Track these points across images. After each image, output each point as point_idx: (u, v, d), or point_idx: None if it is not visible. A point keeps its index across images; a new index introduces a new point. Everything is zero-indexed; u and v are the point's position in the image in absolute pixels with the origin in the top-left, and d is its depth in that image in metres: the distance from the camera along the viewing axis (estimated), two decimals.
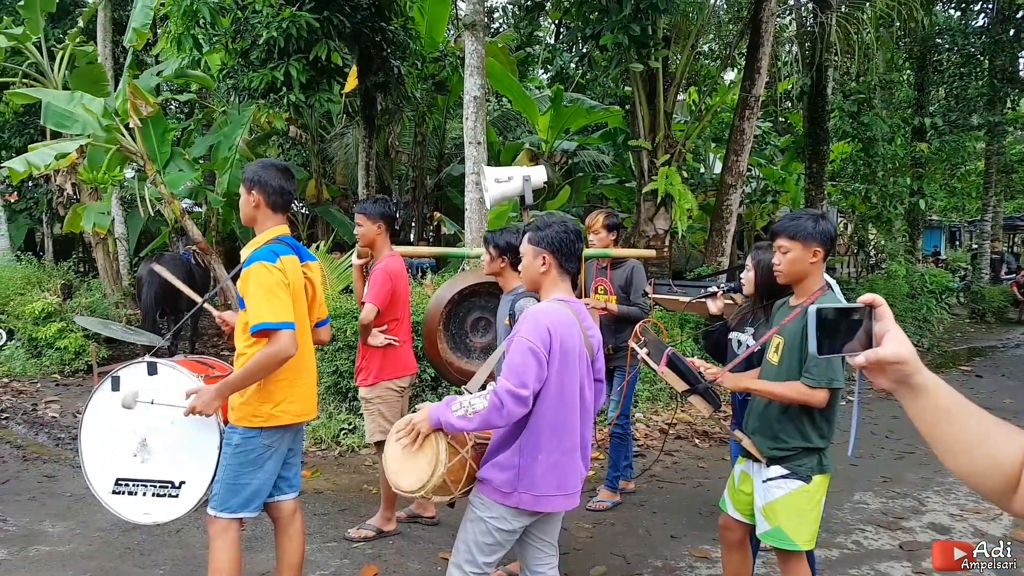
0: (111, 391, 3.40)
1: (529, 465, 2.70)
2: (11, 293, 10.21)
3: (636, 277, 4.98)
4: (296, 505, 3.48)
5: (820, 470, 3.01)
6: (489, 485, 2.74)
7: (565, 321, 2.73)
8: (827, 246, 3.02)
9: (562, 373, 2.69)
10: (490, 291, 5.09)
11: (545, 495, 2.72)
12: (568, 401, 2.73)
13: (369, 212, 4.54)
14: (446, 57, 10.66)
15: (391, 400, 4.61)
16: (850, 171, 12.97)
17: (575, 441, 2.79)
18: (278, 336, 2.99)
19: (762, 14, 9.61)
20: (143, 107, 8.58)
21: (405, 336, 4.69)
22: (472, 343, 5.22)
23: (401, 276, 4.60)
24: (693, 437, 6.93)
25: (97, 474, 3.42)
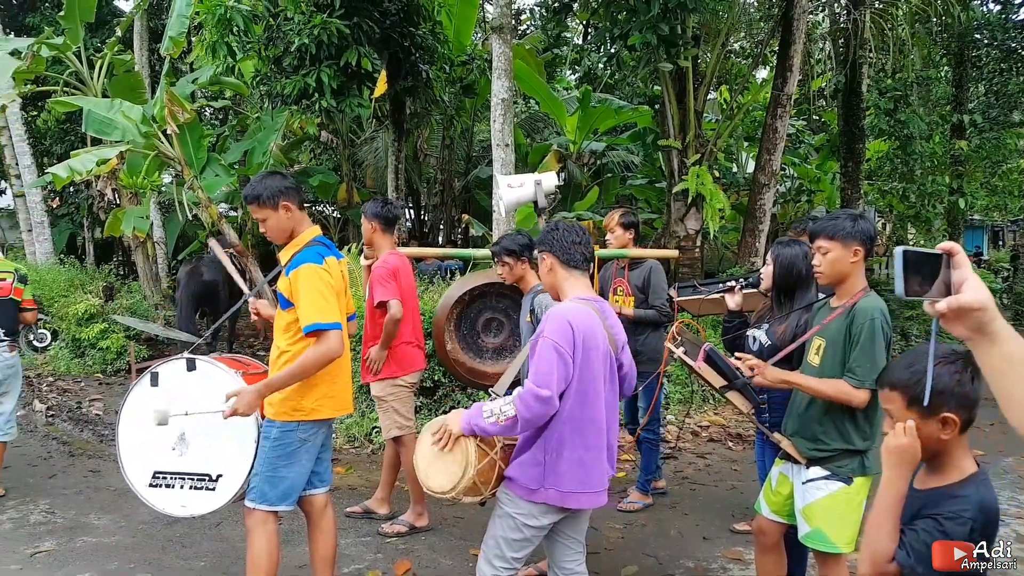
0: (150, 387, 3.49)
1: (554, 462, 2.73)
2: (55, 295, 10.50)
3: (654, 278, 4.91)
4: (328, 499, 3.56)
5: (862, 472, 2.97)
6: (516, 482, 2.78)
7: (588, 320, 2.76)
8: (867, 245, 2.97)
9: (585, 371, 2.72)
10: (500, 292, 5.12)
11: (571, 492, 2.74)
12: (592, 399, 2.76)
13: (365, 212, 4.69)
14: (474, 60, 10.71)
15: (403, 396, 4.69)
16: (887, 170, 12.76)
17: (600, 439, 2.81)
18: (327, 336, 3.09)
19: (793, 11, 9.52)
20: (180, 114, 8.74)
21: (410, 334, 4.73)
22: (484, 344, 5.24)
23: (400, 270, 4.63)
24: (726, 440, 6.89)
25: (134, 467, 3.51)
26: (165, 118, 8.76)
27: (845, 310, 2.98)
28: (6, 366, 5.39)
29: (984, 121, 14.94)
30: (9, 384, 5.47)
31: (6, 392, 5.46)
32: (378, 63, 8.51)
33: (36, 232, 13.43)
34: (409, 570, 4.23)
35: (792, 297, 3.66)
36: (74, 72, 10.63)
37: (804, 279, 3.58)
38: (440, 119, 12.46)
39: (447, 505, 5.11)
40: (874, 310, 2.91)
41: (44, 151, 15.51)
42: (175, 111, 8.68)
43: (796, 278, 3.61)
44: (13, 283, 5.39)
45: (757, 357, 3.57)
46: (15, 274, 5.43)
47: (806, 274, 3.52)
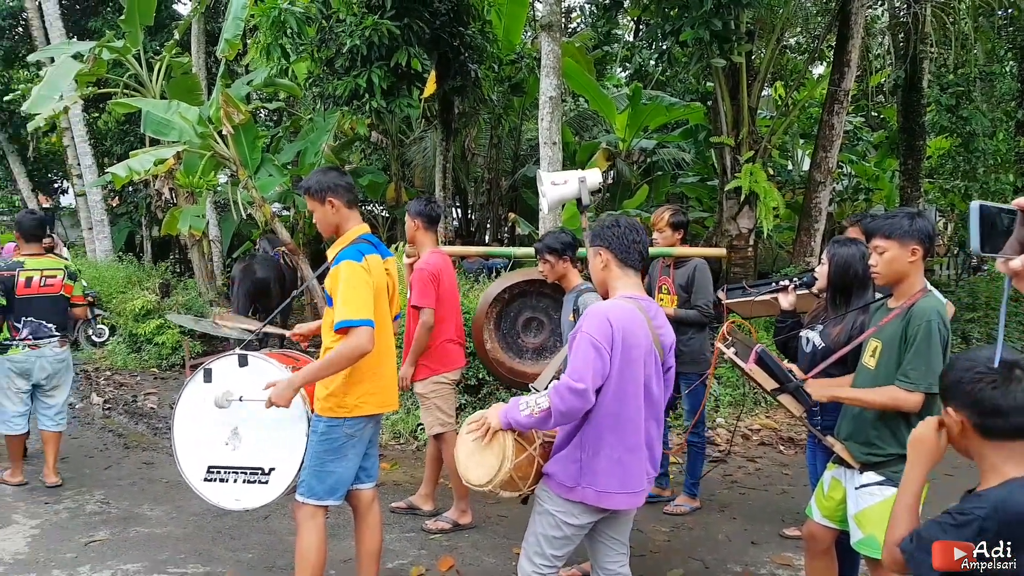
0: (203, 383, 3.56)
1: (591, 460, 2.70)
2: (113, 292, 10.80)
3: (699, 277, 4.83)
4: (374, 495, 3.59)
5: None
6: (553, 479, 2.76)
7: (630, 317, 2.71)
8: (926, 244, 2.88)
9: (625, 368, 2.67)
10: (540, 291, 5.09)
11: (608, 492, 2.71)
12: (631, 398, 2.71)
13: (409, 210, 4.77)
14: (523, 59, 10.70)
15: (445, 393, 4.73)
16: (948, 168, 12.38)
17: (640, 439, 2.76)
18: (356, 332, 3.10)
19: (851, 5, 9.30)
20: (235, 115, 8.89)
21: (452, 332, 4.76)
22: (524, 343, 5.21)
23: (442, 270, 4.66)
24: (777, 443, 6.76)
25: (190, 462, 3.58)
26: (221, 119, 8.92)
27: (902, 311, 2.90)
28: (57, 360, 5.54)
29: None
30: (60, 378, 5.62)
31: (57, 386, 5.62)
32: (428, 63, 8.56)
33: (96, 230, 13.83)
34: (452, 567, 4.24)
35: (848, 298, 3.56)
36: (134, 74, 10.90)
37: (861, 280, 3.48)
38: (488, 118, 12.47)
39: (491, 503, 5.11)
40: (932, 312, 2.82)
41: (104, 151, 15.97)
42: (230, 112, 8.84)
43: (852, 278, 3.52)
44: (63, 279, 5.54)
45: (811, 358, 3.51)
46: (65, 271, 5.57)
47: (863, 275, 3.42)
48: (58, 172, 19.77)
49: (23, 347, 5.38)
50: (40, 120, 9.59)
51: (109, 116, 12.00)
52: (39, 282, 5.41)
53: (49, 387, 5.57)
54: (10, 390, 5.44)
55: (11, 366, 5.40)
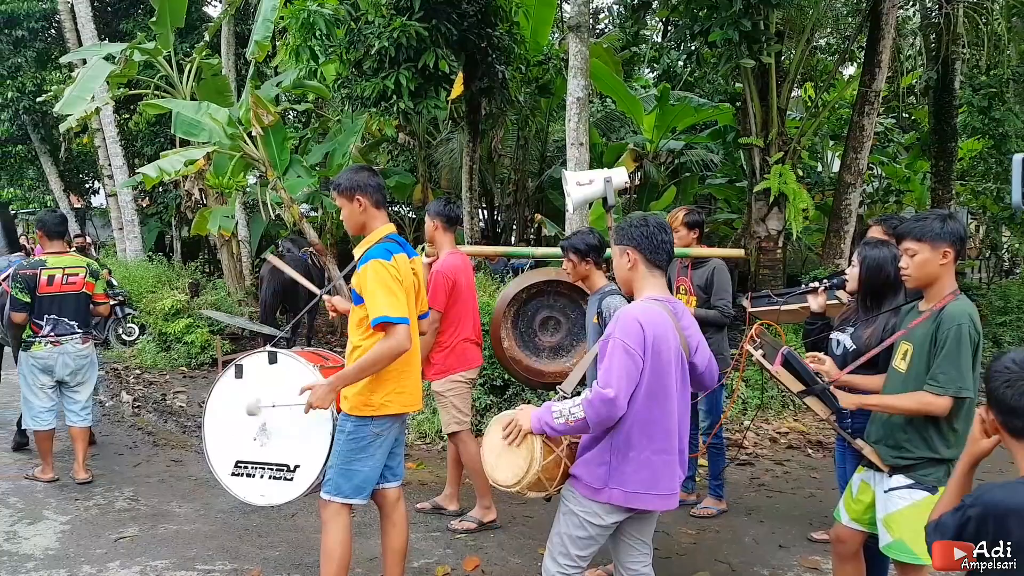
0: (234, 378, 3.60)
1: (620, 463, 2.70)
2: (143, 291, 10.93)
3: (718, 278, 4.82)
4: (400, 493, 3.60)
5: (947, 481, 2.85)
6: (581, 481, 2.76)
7: (659, 320, 2.70)
8: (957, 246, 2.85)
9: (655, 372, 2.67)
10: (558, 290, 5.12)
11: (636, 493, 2.71)
12: (661, 401, 2.71)
13: (428, 211, 4.83)
14: (550, 60, 10.68)
15: (462, 392, 4.75)
16: (981, 170, 12.22)
17: (670, 442, 2.76)
18: (395, 331, 3.13)
19: (882, 6, 9.19)
20: (264, 116, 8.97)
21: (470, 332, 4.79)
22: (541, 342, 5.25)
23: (460, 271, 4.70)
24: (806, 447, 6.69)
25: (218, 457, 3.62)
26: (250, 120, 9.01)
27: (932, 314, 2.87)
28: (80, 357, 5.61)
29: None
30: (84, 374, 5.70)
31: (82, 382, 5.70)
32: (455, 65, 8.57)
33: (127, 230, 14.01)
34: (478, 566, 4.25)
35: (879, 300, 3.52)
36: (164, 76, 11.02)
37: (892, 282, 3.44)
38: (515, 119, 12.48)
39: (517, 504, 5.11)
40: (962, 315, 2.79)
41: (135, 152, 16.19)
42: (260, 114, 8.92)
43: (884, 280, 3.48)
44: (85, 277, 5.61)
45: (840, 361, 3.47)
46: (87, 269, 5.65)
47: (894, 277, 3.38)
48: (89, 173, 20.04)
49: (46, 343, 5.47)
50: (72, 121, 9.76)
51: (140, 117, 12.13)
52: (61, 280, 5.49)
53: (74, 383, 5.65)
54: (35, 386, 5.54)
55: (34, 362, 5.50)
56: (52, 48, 16.43)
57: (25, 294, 5.36)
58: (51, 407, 5.60)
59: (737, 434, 6.86)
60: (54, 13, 15.61)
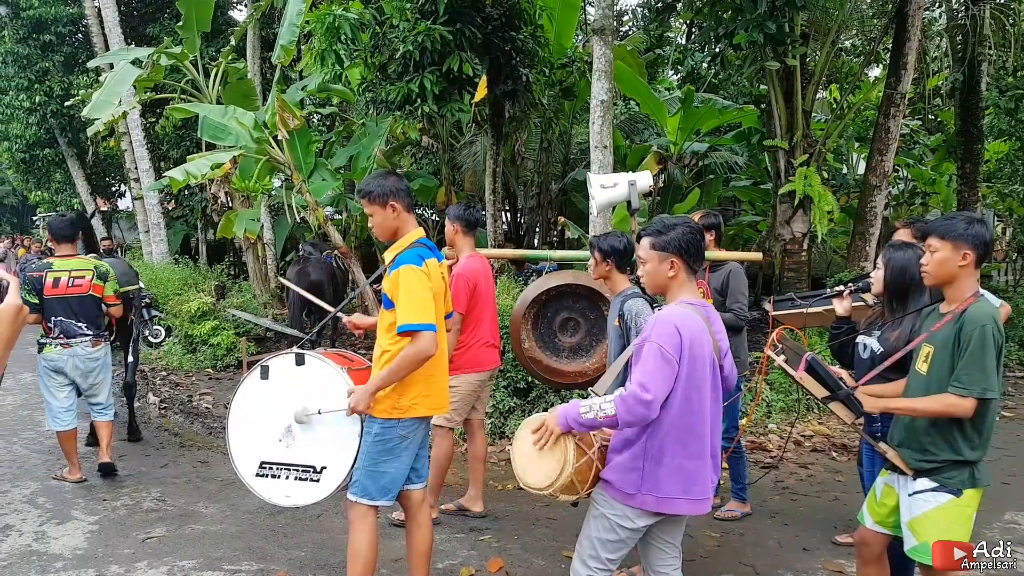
0: (260, 379, 3.61)
1: (653, 469, 2.70)
2: (169, 293, 11.05)
3: (733, 281, 4.83)
4: (424, 495, 3.63)
5: (972, 483, 2.84)
6: (613, 486, 2.77)
7: (695, 325, 2.71)
8: (979, 250, 2.84)
9: (691, 377, 2.67)
10: (577, 292, 5.19)
11: (669, 498, 2.71)
12: (696, 405, 2.71)
13: (448, 214, 4.88)
14: (574, 63, 10.68)
15: (466, 393, 4.79)
16: (1007, 172, 12.10)
17: (703, 446, 2.75)
18: (420, 337, 3.16)
19: (908, 7, 9.14)
20: (290, 120, 9.03)
21: (488, 334, 4.85)
22: (561, 343, 5.33)
23: (479, 274, 4.75)
24: (830, 450, 6.65)
25: (242, 457, 3.62)
26: (276, 124, 9.06)
27: (954, 316, 2.87)
28: (91, 359, 5.65)
29: None
30: (97, 376, 5.74)
31: (95, 384, 5.75)
32: (479, 68, 8.59)
33: (153, 233, 14.17)
34: (502, 568, 4.26)
35: (905, 302, 3.52)
36: (191, 80, 11.14)
37: (918, 283, 3.43)
38: (539, 122, 12.48)
39: (541, 505, 5.12)
40: (985, 317, 2.79)
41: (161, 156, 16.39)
42: (285, 117, 8.98)
43: (909, 282, 3.48)
44: (92, 280, 5.64)
45: (868, 364, 3.47)
46: (95, 271, 5.68)
47: (919, 278, 3.37)
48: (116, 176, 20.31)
49: (56, 345, 5.54)
50: (99, 125, 9.87)
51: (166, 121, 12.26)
52: (67, 282, 5.55)
53: (87, 387, 5.71)
54: (52, 386, 5.61)
55: (46, 364, 5.58)
56: (79, 52, 16.68)
57: (33, 295, 5.43)
58: (69, 406, 5.63)
59: (762, 437, 6.84)
60: (81, 18, 15.84)
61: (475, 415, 5.02)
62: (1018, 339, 10.39)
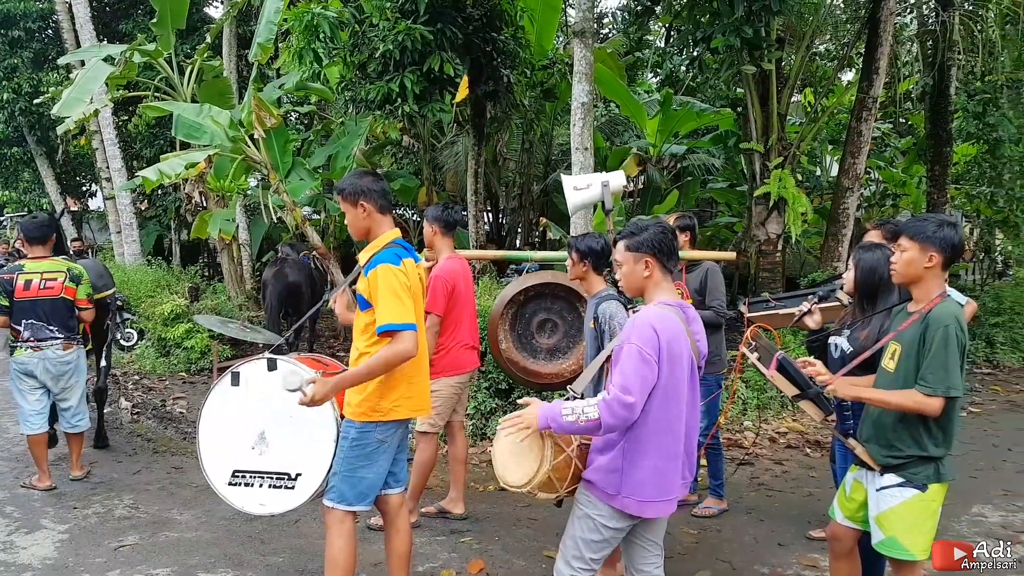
0: (231, 386, 3.55)
1: (632, 469, 2.73)
2: (142, 295, 10.87)
3: (711, 280, 4.90)
4: (402, 499, 3.58)
5: (937, 478, 2.93)
6: (595, 486, 2.79)
7: (673, 326, 2.74)
8: (946, 253, 2.92)
9: (670, 377, 2.70)
10: (555, 293, 5.21)
11: (648, 500, 2.75)
12: (674, 406, 2.74)
13: (426, 216, 4.86)
14: (555, 64, 10.71)
15: (446, 396, 4.77)
16: (975, 174, 12.31)
17: (679, 446, 2.80)
18: (401, 337, 3.12)
19: (880, 13, 9.27)
20: (267, 119, 8.96)
21: (467, 336, 4.85)
22: (538, 344, 5.34)
23: (458, 275, 4.74)
24: (804, 446, 6.74)
25: (214, 466, 3.56)
26: (252, 123, 8.99)
27: (920, 316, 2.95)
28: (61, 362, 5.55)
29: None
30: (68, 380, 5.64)
31: (67, 388, 5.65)
32: (460, 68, 8.58)
33: (125, 234, 13.94)
34: (483, 569, 4.27)
35: (875, 302, 3.62)
36: (165, 78, 11.00)
37: (887, 283, 3.53)
38: (520, 123, 12.50)
39: (522, 506, 5.14)
40: (948, 317, 2.86)
41: (134, 155, 16.15)
42: (262, 116, 8.91)
43: (878, 282, 3.57)
44: (64, 283, 5.54)
45: (839, 364, 3.54)
46: (67, 274, 5.58)
47: (888, 278, 3.47)
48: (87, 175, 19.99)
49: (26, 348, 5.45)
50: (70, 123, 9.69)
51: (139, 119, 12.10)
52: (38, 285, 5.46)
53: (58, 390, 5.62)
54: (23, 389, 5.53)
55: (17, 367, 5.50)
56: (49, 49, 16.39)
57: (3, 298, 5.35)
58: (40, 410, 5.54)
59: (738, 434, 6.91)
60: (52, 13, 15.56)
61: (455, 417, 5.01)
62: (985, 337, 10.59)
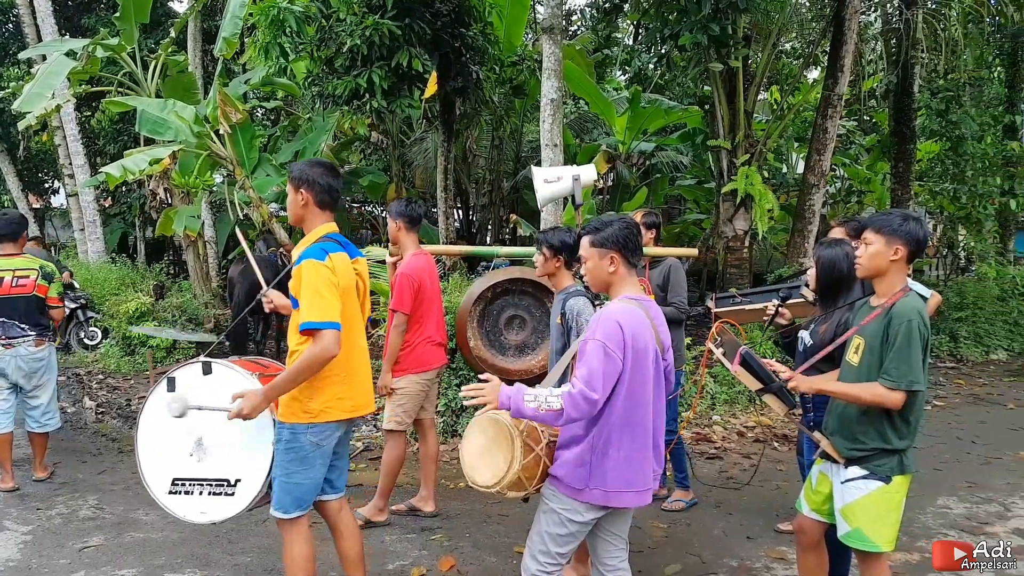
0: (167, 392, 3.42)
1: (600, 462, 2.75)
2: (106, 293, 10.71)
3: (673, 276, 4.94)
4: (342, 504, 3.50)
5: (900, 471, 2.97)
6: (561, 482, 2.80)
7: (637, 320, 2.76)
8: (910, 246, 2.96)
9: (635, 371, 2.73)
10: (523, 289, 5.20)
11: (616, 491, 2.76)
12: (640, 399, 2.77)
13: (390, 212, 4.82)
14: (524, 61, 10.71)
15: (414, 393, 4.76)
16: (938, 171, 12.53)
17: (647, 439, 2.82)
18: (321, 336, 3.00)
19: (845, 11, 9.40)
20: (232, 114, 8.87)
21: (433, 332, 4.82)
22: (506, 340, 5.32)
23: (424, 272, 4.71)
24: (772, 440, 6.82)
25: (154, 475, 3.44)
26: (218, 118, 8.90)
27: (884, 310, 2.98)
28: (33, 360, 5.51)
29: None
30: (40, 378, 5.59)
31: (39, 385, 5.60)
32: (429, 64, 8.55)
33: (88, 231, 13.70)
34: (453, 566, 4.26)
35: (836, 297, 3.67)
36: (128, 73, 10.84)
37: (847, 278, 3.59)
38: (490, 119, 12.49)
39: (492, 503, 5.14)
40: (911, 312, 2.90)
41: (97, 151, 15.87)
42: (228, 111, 8.82)
43: (838, 277, 3.62)
44: (37, 280, 5.49)
45: (803, 357, 3.58)
46: (40, 271, 5.52)
47: (848, 273, 3.54)
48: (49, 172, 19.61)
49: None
50: (31, 119, 9.50)
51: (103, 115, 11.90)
52: (11, 282, 5.39)
53: (30, 387, 5.55)
54: None
55: None
56: (10, 43, 16.05)
57: None
58: (7, 409, 5.48)
59: (707, 428, 6.97)
60: (12, 7, 15.21)
61: (425, 415, 4.98)
62: (948, 331, 10.80)
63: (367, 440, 6.70)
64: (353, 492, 5.49)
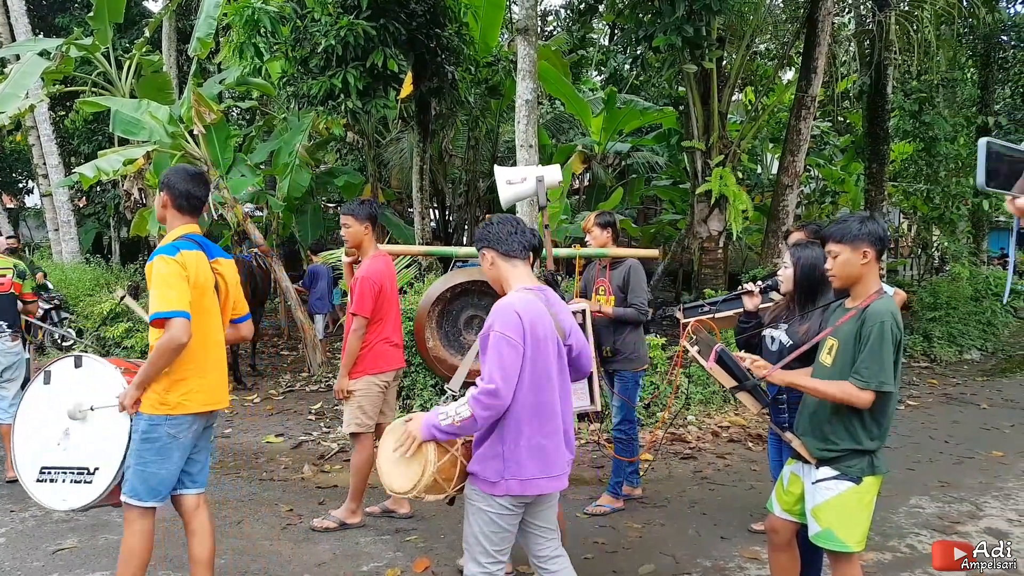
0: (43, 384, 3.58)
1: (512, 451, 2.77)
2: (80, 294, 10.63)
3: (633, 277, 4.93)
4: (199, 501, 3.51)
5: (871, 471, 2.99)
6: (478, 477, 2.83)
7: (534, 308, 2.81)
8: (876, 246, 2.99)
9: (536, 357, 2.77)
10: (482, 289, 5.17)
11: (531, 479, 2.79)
12: (544, 385, 2.81)
13: (356, 214, 4.74)
14: (499, 61, 10.73)
15: (372, 394, 4.73)
16: (912, 171, 12.69)
17: (556, 423, 2.86)
18: (170, 324, 3.10)
19: (819, 13, 9.48)
20: (207, 114, 8.82)
21: (389, 332, 4.81)
22: (465, 341, 5.30)
23: (385, 276, 4.72)
24: (746, 440, 6.87)
25: (25, 464, 3.55)
26: (192, 118, 8.85)
27: (858, 312, 3.01)
28: (11, 354, 5.76)
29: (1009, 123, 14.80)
30: (13, 372, 5.82)
31: (10, 379, 5.80)
32: (404, 64, 8.55)
33: (63, 231, 13.60)
34: (428, 568, 4.26)
35: (814, 298, 3.67)
36: (102, 72, 10.77)
37: (825, 279, 3.59)
38: (465, 120, 12.50)
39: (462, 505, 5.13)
40: (885, 313, 2.93)
41: (72, 151, 15.76)
42: (202, 111, 8.77)
43: (818, 278, 3.62)
44: (12, 278, 5.77)
45: (776, 356, 3.60)
46: (14, 269, 5.80)
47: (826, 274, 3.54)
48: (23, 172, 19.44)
49: None
50: (5, 119, 9.42)
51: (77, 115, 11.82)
52: None
53: (3, 380, 5.76)
54: None
55: None
56: None
57: None
58: None
59: (681, 428, 7.01)
60: None
61: (384, 419, 4.90)
62: (922, 331, 10.93)
63: (342, 442, 6.69)
64: (329, 494, 5.50)
